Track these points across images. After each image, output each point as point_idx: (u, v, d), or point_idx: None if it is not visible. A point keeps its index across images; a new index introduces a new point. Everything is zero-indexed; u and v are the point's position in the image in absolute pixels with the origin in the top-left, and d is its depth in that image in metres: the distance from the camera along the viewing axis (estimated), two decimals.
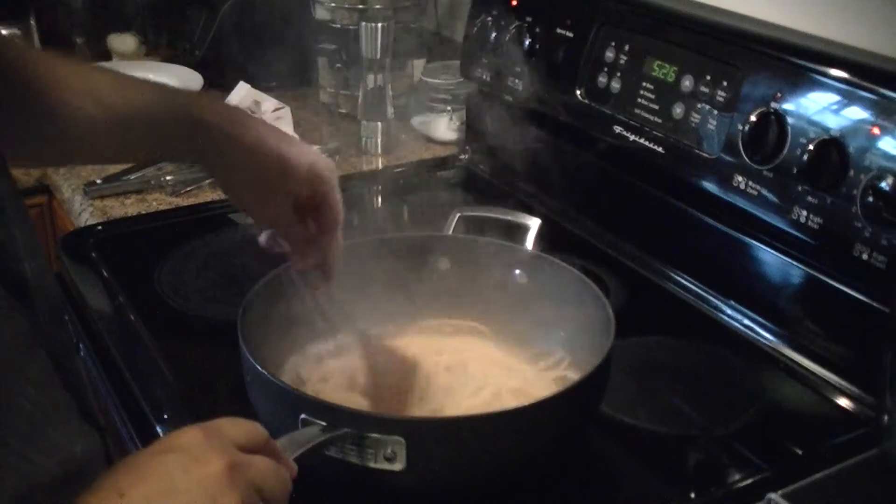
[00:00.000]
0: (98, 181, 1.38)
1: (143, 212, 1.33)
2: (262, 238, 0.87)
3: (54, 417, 0.64)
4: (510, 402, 0.82)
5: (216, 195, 1.37)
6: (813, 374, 0.96)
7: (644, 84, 1.13)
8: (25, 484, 0.58)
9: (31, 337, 0.65)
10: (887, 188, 0.85)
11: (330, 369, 0.90)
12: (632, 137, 1.14)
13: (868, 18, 0.99)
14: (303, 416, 0.71)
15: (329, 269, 0.87)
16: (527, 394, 0.86)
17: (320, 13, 1.68)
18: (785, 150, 0.95)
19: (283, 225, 0.86)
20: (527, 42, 1.29)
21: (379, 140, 1.55)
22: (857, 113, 0.89)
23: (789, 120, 0.94)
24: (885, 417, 0.82)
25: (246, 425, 0.61)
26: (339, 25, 1.64)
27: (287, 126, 1.52)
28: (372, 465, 0.71)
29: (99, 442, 0.69)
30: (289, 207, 0.84)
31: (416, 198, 1.35)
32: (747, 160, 0.98)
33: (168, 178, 1.39)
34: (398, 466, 0.70)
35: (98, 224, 1.28)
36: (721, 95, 1.02)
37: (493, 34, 1.34)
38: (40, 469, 0.60)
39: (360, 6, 1.60)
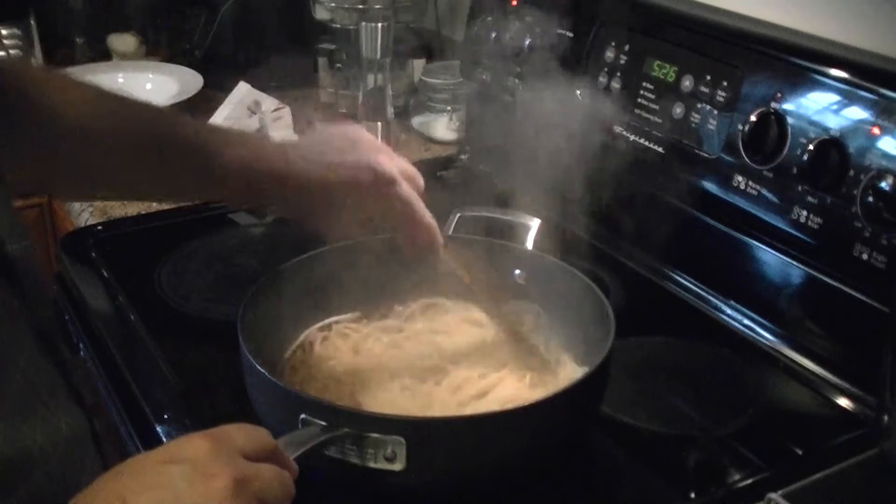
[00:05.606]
0: None
1: (143, 212, 1.33)
2: None
3: (43, 393, 0.64)
4: (507, 403, 0.82)
5: None
6: (813, 374, 0.96)
7: (644, 84, 1.13)
8: (13, 448, 0.59)
9: (21, 316, 0.65)
10: (887, 188, 0.85)
11: (330, 368, 0.90)
12: (632, 137, 1.14)
13: (868, 18, 0.99)
14: (303, 416, 0.71)
15: (428, 245, 0.88)
16: (525, 394, 0.86)
17: (320, 13, 1.68)
18: (785, 150, 0.95)
19: (356, 237, 0.89)
20: (527, 42, 1.29)
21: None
22: (857, 113, 0.89)
23: (789, 120, 0.94)
24: (885, 417, 0.82)
25: (253, 433, 0.61)
26: (339, 25, 1.64)
27: (287, 126, 1.52)
28: (372, 465, 0.71)
29: (84, 421, 0.70)
30: (356, 221, 0.86)
31: None
32: (747, 160, 0.98)
33: None
34: (398, 466, 0.70)
35: (98, 224, 1.27)
36: (721, 95, 1.02)
37: (493, 34, 1.33)
38: (28, 438, 0.61)
39: (360, 6, 1.60)
